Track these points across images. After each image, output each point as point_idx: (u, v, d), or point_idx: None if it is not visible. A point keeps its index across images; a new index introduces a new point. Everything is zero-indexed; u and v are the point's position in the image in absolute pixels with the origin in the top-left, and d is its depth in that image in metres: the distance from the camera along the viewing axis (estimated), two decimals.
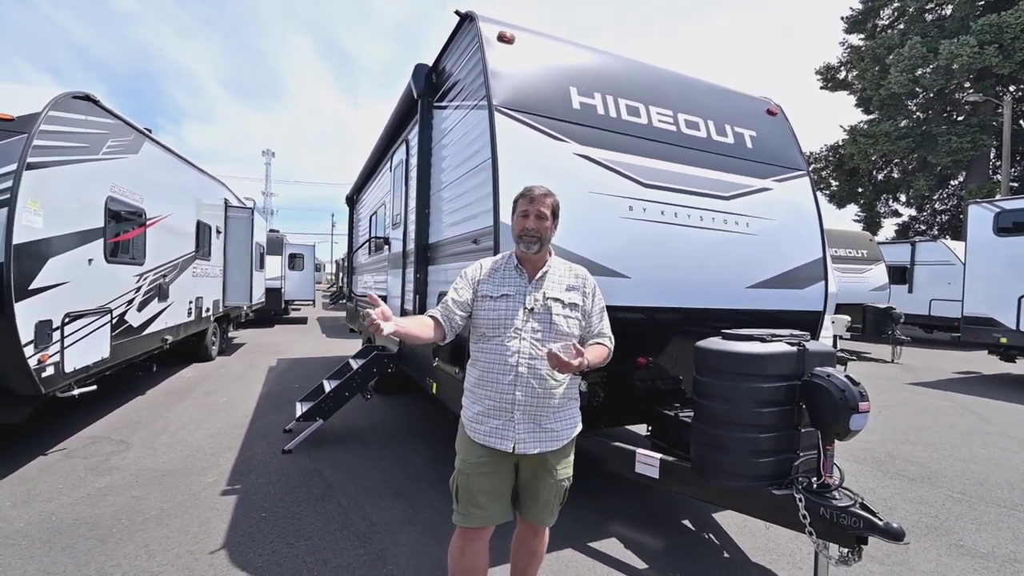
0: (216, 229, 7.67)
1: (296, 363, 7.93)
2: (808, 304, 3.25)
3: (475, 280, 1.75)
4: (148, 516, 2.79)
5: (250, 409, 5.13)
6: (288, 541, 2.56)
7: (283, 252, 14.33)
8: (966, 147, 18.07)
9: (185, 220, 6.38)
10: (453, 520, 1.71)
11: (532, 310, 1.66)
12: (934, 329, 13.39)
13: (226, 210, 8.15)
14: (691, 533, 2.81)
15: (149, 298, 5.20)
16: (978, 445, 4.60)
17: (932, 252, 13.32)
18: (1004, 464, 4.09)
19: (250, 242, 8.55)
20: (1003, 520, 3.05)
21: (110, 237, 4.31)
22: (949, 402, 6.42)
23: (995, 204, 8.28)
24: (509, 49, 2.72)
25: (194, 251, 6.61)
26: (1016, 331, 7.56)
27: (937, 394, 6.94)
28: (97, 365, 4.08)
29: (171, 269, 5.82)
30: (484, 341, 1.69)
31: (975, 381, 8.04)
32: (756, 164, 3.25)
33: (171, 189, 5.91)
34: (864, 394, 1.94)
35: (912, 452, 4.34)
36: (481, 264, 1.81)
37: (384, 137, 5.06)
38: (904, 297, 12.96)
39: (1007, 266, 7.80)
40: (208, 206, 7.29)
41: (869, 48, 21.43)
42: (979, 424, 5.36)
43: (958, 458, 4.21)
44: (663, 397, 2.94)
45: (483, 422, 1.66)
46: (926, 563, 2.53)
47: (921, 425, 5.23)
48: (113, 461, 3.61)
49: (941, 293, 12.60)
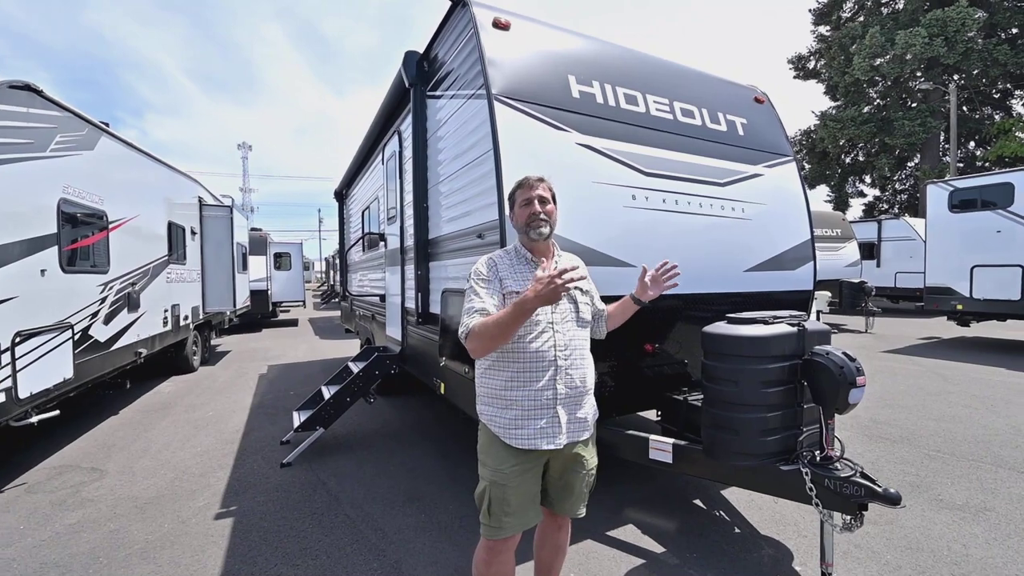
0: (191, 230, 7.26)
1: (289, 369, 7.57)
2: (800, 284, 3.39)
3: (497, 279, 1.66)
4: (131, 551, 2.53)
5: (241, 422, 4.80)
6: (293, 562, 2.40)
7: (267, 252, 13.67)
8: (918, 130, 19.44)
9: (154, 222, 6.00)
10: (483, 534, 1.64)
11: (557, 305, 1.65)
12: (900, 299, 14.33)
13: (201, 209, 7.71)
14: (702, 512, 2.92)
15: (117, 309, 4.83)
16: (945, 404, 4.95)
17: (896, 229, 14.20)
18: (968, 421, 4.43)
19: (230, 242, 8.13)
20: (972, 473, 3.32)
21: (66, 244, 3.93)
22: (917, 366, 6.87)
23: (949, 183, 8.78)
24: (505, 35, 2.66)
25: (167, 255, 6.23)
26: (970, 298, 8.15)
27: (906, 359, 7.41)
28: (59, 387, 3.70)
29: (141, 276, 5.44)
30: (515, 341, 1.59)
31: (936, 345, 8.62)
32: (748, 151, 3.33)
33: (136, 188, 5.51)
34: (860, 369, 2.04)
35: (891, 415, 4.63)
36: (493, 260, 1.70)
37: (374, 128, 4.87)
38: (873, 271, 13.82)
39: (960, 240, 8.38)
40: (180, 205, 6.88)
41: (835, 38, 22.43)
42: (944, 385, 5.76)
43: (929, 418, 4.54)
44: (671, 382, 3.02)
45: (523, 426, 1.59)
46: (912, 519, 2.73)
47: (896, 389, 5.59)
48: (85, 493, 3.24)
49: (905, 266, 13.50)
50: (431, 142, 3.41)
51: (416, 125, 3.45)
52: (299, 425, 3.89)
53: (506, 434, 1.60)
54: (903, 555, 2.40)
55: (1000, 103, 21.52)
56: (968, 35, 17.92)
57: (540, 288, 1.40)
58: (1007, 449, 3.73)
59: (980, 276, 8.03)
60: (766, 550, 2.49)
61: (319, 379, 6.14)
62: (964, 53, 18.18)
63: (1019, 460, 3.52)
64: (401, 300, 4.03)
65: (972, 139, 22.21)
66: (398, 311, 4.12)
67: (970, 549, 2.44)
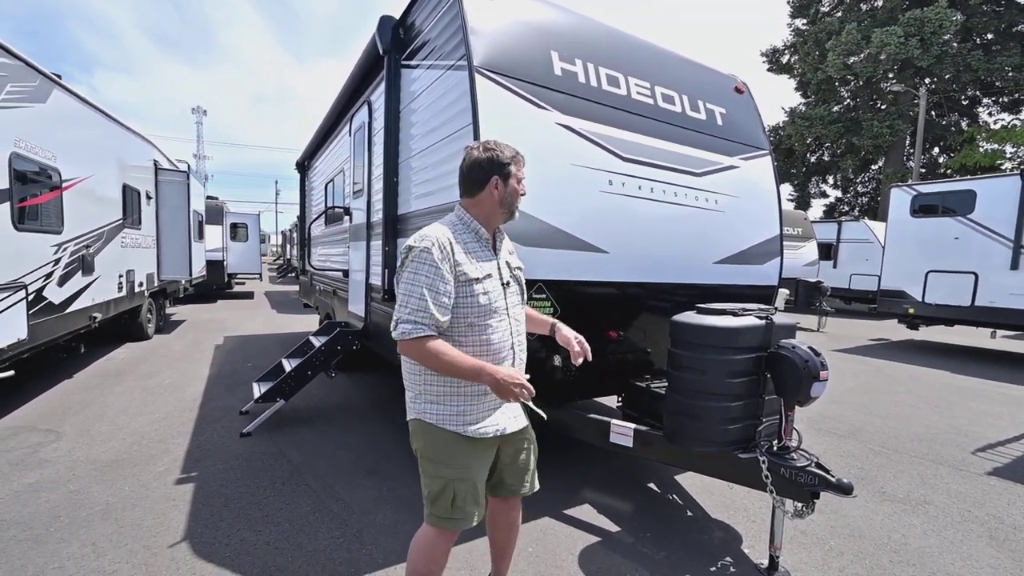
0: (146, 194, 6.91)
1: (245, 341, 7.45)
2: (766, 279, 3.44)
3: (450, 263, 1.46)
4: (92, 512, 2.53)
5: (199, 391, 4.75)
6: (256, 528, 2.42)
7: (224, 221, 13.23)
8: (885, 132, 19.82)
9: (108, 183, 5.67)
10: (443, 526, 1.53)
11: (507, 284, 1.60)
12: (853, 301, 14.91)
13: (157, 173, 7.32)
14: (656, 495, 2.98)
15: (71, 272, 4.65)
16: (891, 403, 5.21)
17: (855, 231, 14.67)
18: (912, 419, 4.67)
19: (186, 209, 7.77)
20: (914, 468, 3.50)
21: (17, 201, 3.75)
22: (865, 366, 7.19)
23: (913, 188, 9.11)
24: (488, 4, 2.54)
25: (121, 219, 5.93)
26: (922, 302, 8.54)
27: (856, 359, 7.75)
28: (12, 348, 3.62)
29: (95, 239, 5.21)
30: (472, 330, 1.49)
31: (885, 347, 9.05)
32: (725, 142, 3.32)
33: (90, 147, 5.21)
34: (824, 363, 2.09)
35: (839, 411, 4.83)
36: (448, 241, 1.47)
37: (342, 97, 4.65)
38: (829, 272, 14.26)
39: (918, 244, 8.70)
40: (135, 168, 6.51)
41: (812, 32, 22.50)
42: (890, 384, 6.06)
43: (876, 415, 4.76)
44: (634, 368, 3.04)
45: (489, 414, 1.54)
46: (856, 510, 2.85)
47: (845, 387, 5.83)
48: (42, 453, 3.23)
49: (860, 268, 13.99)
50: (404, 114, 3.27)
51: (389, 95, 3.29)
52: (259, 396, 3.82)
53: (468, 428, 1.52)
54: (846, 542, 2.51)
55: (968, 110, 22.10)
56: (944, 38, 18.19)
57: (505, 384, 1.38)
58: (947, 447, 3.94)
59: (934, 281, 8.36)
60: (717, 533, 2.57)
61: (276, 352, 6.02)
62: (938, 56, 18.37)
63: (958, 458, 3.72)
64: (366, 276, 3.90)
65: (937, 145, 22.79)
66: (362, 287, 3.99)
67: (909, 539, 2.56)
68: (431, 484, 1.53)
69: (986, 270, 7.73)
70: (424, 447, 1.54)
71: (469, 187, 1.57)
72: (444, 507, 1.51)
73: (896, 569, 2.29)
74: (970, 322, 8.13)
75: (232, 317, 9.96)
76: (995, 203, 7.72)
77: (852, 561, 2.34)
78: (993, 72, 18.65)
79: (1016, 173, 7.78)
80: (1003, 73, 18.63)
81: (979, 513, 2.85)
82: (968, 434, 4.27)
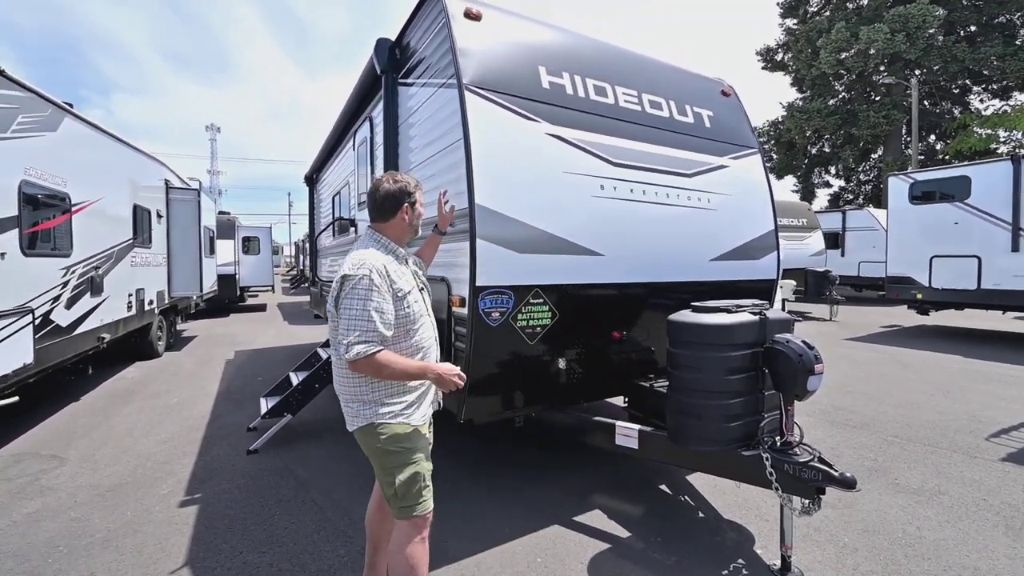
0: (157, 213, 7.05)
1: (256, 354, 7.45)
2: (764, 273, 3.46)
3: (387, 283, 1.63)
4: (92, 539, 2.48)
5: (207, 408, 4.74)
6: (260, 550, 2.38)
7: (236, 235, 13.37)
8: (881, 122, 20.11)
9: (119, 204, 5.80)
10: (419, 512, 1.68)
11: (423, 288, 1.84)
12: (863, 288, 14.79)
13: (167, 192, 7.48)
14: (667, 497, 2.97)
15: (79, 293, 4.71)
16: (903, 391, 5.15)
17: (859, 219, 14.62)
18: (925, 406, 4.61)
19: (197, 226, 7.90)
20: (928, 458, 3.46)
21: (27, 227, 3.84)
22: (878, 354, 7.12)
23: (910, 176, 9.09)
24: (476, 26, 2.64)
25: (131, 238, 6.04)
26: (929, 288, 8.47)
27: (868, 347, 7.68)
28: (18, 373, 3.64)
29: (104, 260, 5.29)
30: (408, 335, 1.71)
31: (897, 333, 8.96)
32: (714, 143, 3.37)
33: (100, 170, 5.33)
34: (819, 357, 2.10)
35: (851, 402, 4.79)
36: (376, 267, 1.62)
37: (345, 113, 4.81)
38: (837, 260, 14.22)
39: (920, 231, 8.68)
40: (146, 188, 6.66)
41: (802, 32, 22.87)
42: (903, 372, 5.99)
43: (888, 404, 4.71)
44: (638, 368, 3.06)
45: (422, 401, 1.76)
46: (869, 503, 2.82)
47: (857, 376, 5.78)
48: (44, 481, 3.18)
49: (868, 256, 13.91)
50: (402, 129, 3.37)
51: (387, 112, 3.41)
52: (266, 412, 3.84)
53: (413, 417, 1.72)
54: (859, 537, 2.48)
55: (959, 98, 22.34)
56: (929, 32, 18.54)
57: (448, 377, 1.68)
58: (961, 435, 3.89)
59: (938, 266, 8.33)
60: (729, 534, 2.54)
61: (287, 365, 6.02)
62: (925, 49, 18.79)
63: (973, 445, 3.67)
64: None
65: (933, 132, 22.99)
66: None
67: (923, 532, 2.53)
68: (399, 475, 1.66)
69: (988, 253, 7.71)
70: (385, 444, 1.66)
71: (383, 214, 1.78)
72: (415, 494, 1.67)
73: (911, 564, 2.26)
74: (978, 305, 8.08)
75: (244, 330, 9.97)
76: (990, 188, 7.74)
77: (866, 558, 2.31)
78: (979, 62, 18.97)
79: (1007, 158, 7.76)
80: (989, 62, 18.91)
81: (994, 501, 2.82)
82: (982, 419, 4.21)
